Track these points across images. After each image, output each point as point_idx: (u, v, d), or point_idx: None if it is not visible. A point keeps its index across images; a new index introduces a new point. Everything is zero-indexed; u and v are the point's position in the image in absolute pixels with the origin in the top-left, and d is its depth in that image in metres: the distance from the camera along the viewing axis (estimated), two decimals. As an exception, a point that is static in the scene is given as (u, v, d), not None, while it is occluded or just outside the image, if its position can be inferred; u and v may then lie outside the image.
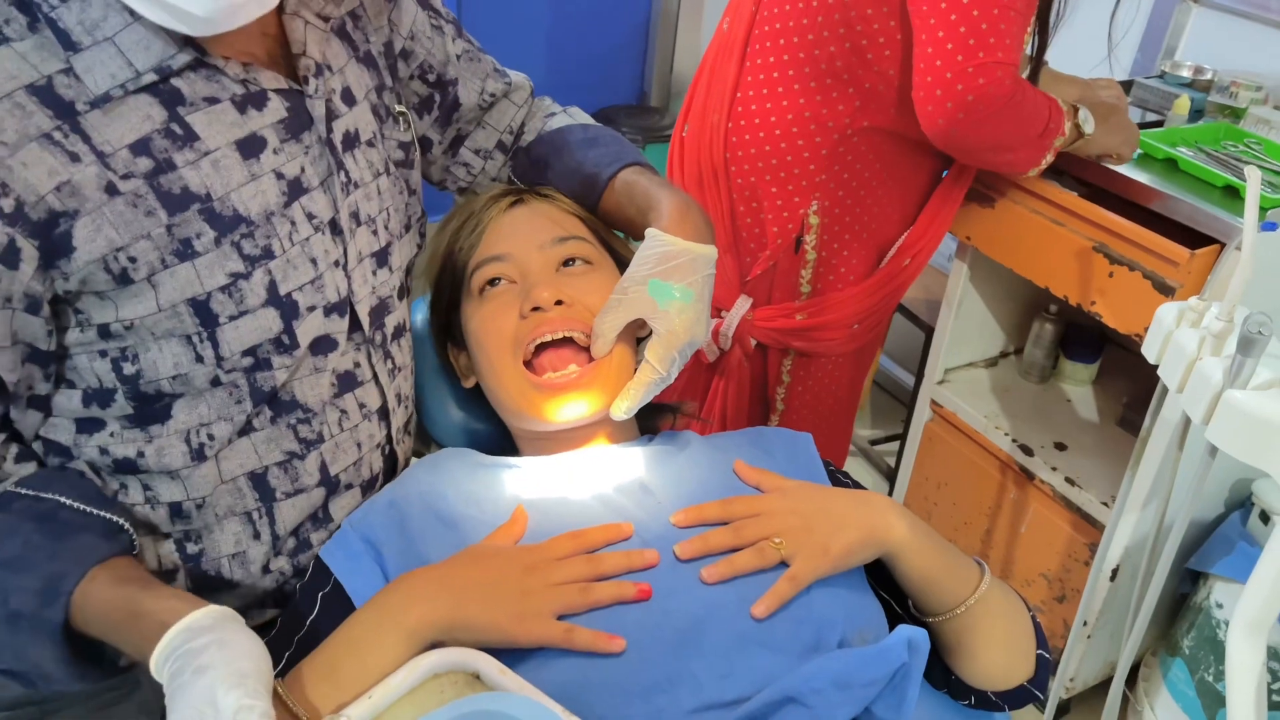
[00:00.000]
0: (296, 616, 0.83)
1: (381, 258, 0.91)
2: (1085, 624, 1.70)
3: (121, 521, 0.78)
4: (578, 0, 3.09)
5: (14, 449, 0.81)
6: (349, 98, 0.87)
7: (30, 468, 0.80)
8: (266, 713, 0.62)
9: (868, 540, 0.83)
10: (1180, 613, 1.73)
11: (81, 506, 0.77)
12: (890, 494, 2.12)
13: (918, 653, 0.78)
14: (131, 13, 0.72)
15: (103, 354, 0.78)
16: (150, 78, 0.73)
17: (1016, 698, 0.93)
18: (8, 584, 0.72)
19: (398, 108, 0.95)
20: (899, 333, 2.55)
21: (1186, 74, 1.79)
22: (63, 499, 0.77)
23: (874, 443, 2.51)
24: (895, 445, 2.19)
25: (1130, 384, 1.93)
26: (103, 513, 0.78)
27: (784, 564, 0.81)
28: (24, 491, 0.77)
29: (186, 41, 0.74)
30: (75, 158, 0.71)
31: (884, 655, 0.77)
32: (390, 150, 0.93)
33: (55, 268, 0.73)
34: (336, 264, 0.85)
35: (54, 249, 0.72)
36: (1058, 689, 1.45)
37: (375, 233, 0.89)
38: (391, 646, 0.73)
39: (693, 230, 0.92)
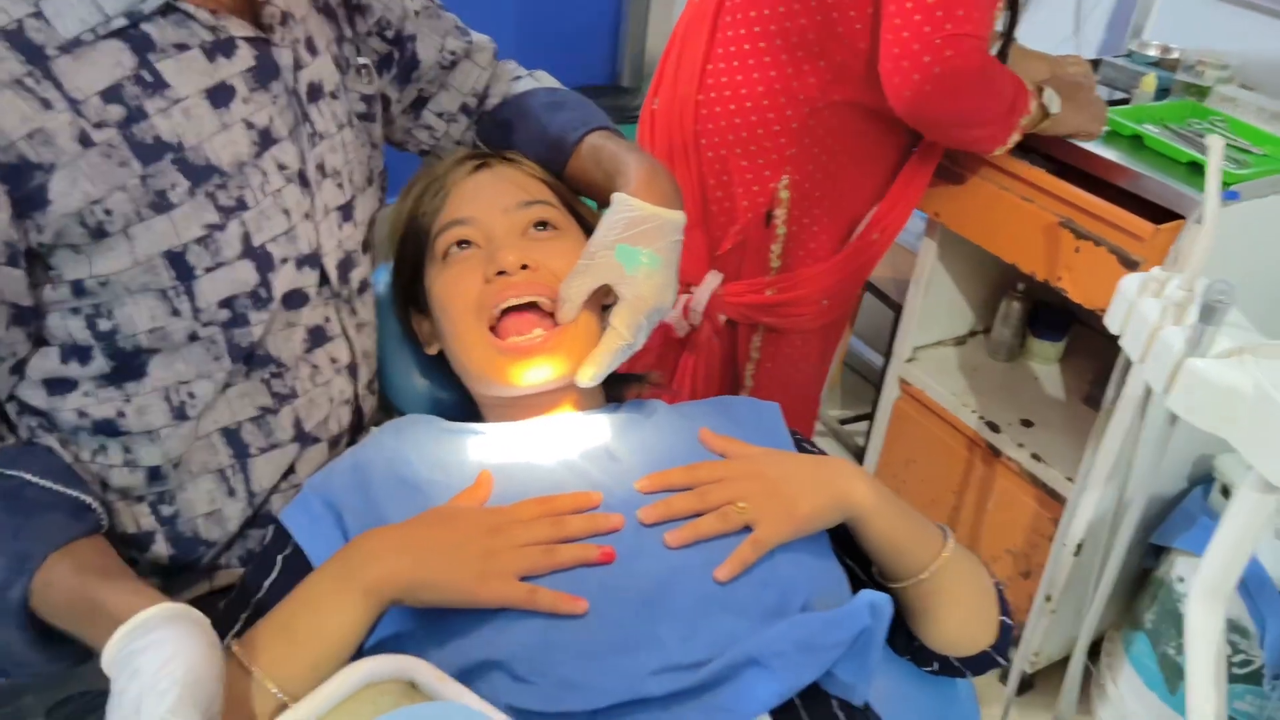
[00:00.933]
0: (255, 578, 0.82)
1: (346, 211, 0.90)
2: (1049, 599, 1.71)
3: (89, 500, 0.77)
4: (549, -22, 3.07)
5: None
6: (311, 47, 0.86)
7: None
8: None
9: (831, 504, 0.83)
10: (1143, 587, 1.76)
11: (48, 485, 0.76)
12: (859, 472, 2.13)
13: (880, 616, 0.79)
14: None
15: (75, 311, 0.77)
16: (120, 22, 0.72)
17: (979, 663, 0.93)
18: None
19: (359, 60, 0.94)
20: (869, 313, 2.56)
21: (1154, 53, 1.80)
22: (29, 476, 0.75)
23: (844, 422, 2.52)
24: (865, 425, 2.20)
25: (1097, 362, 1.95)
26: (70, 491, 0.76)
27: (748, 528, 0.81)
28: None
29: None
30: (47, 104, 0.70)
31: (847, 619, 0.77)
32: (353, 103, 0.92)
33: (29, 218, 0.71)
34: (306, 216, 0.85)
35: (28, 199, 0.71)
36: (1021, 662, 1.46)
37: (340, 185, 0.89)
38: (350, 605, 0.72)
39: (660, 195, 0.91)
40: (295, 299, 0.86)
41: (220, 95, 0.77)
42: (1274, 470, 0.90)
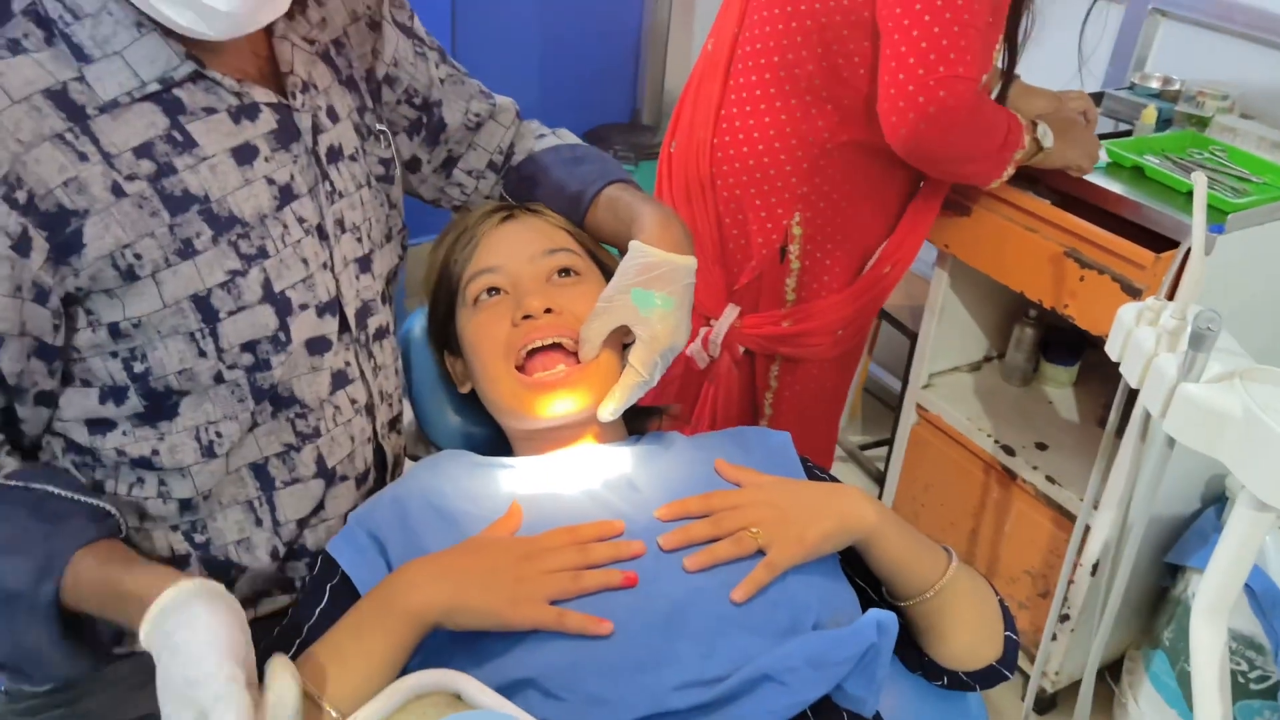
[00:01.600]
0: (307, 606, 0.88)
1: (364, 264, 0.97)
2: (1067, 618, 1.75)
3: (108, 508, 0.83)
4: (569, 22, 3.15)
5: (6, 445, 0.85)
6: (333, 115, 0.94)
7: (15, 462, 0.85)
8: (233, 677, 0.66)
9: (840, 529, 0.89)
10: (1161, 606, 1.79)
11: (70, 495, 0.82)
12: (880, 497, 2.18)
13: (886, 633, 0.84)
14: (139, 27, 0.79)
15: (114, 354, 0.84)
16: (154, 87, 0.80)
17: (986, 677, 0.98)
18: (4, 567, 0.77)
19: (378, 127, 1.01)
20: (889, 340, 2.60)
21: (1155, 85, 1.85)
22: (52, 488, 0.81)
23: (864, 448, 2.57)
24: (885, 450, 2.25)
25: (1110, 386, 1.99)
26: (90, 500, 0.83)
27: (761, 552, 0.86)
28: (14, 483, 0.81)
29: (188, 56, 0.81)
30: (84, 157, 0.78)
31: (855, 636, 0.82)
32: (372, 165, 0.99)
33: (66, 264, 0.78)
34: (325, 266, 0.92)
35: (65, 245, 0.78)
36: (1036, 679, 1.50)
37: (359, 240, 0.96)
38: (395, 629, 0.78)
39: (673, 242, 0.98)
40: (319, 345, 0.92)
41: (244, 153, 0.85)
42: (1265, 489, 0.94)
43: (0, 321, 0.77)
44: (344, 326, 0.95)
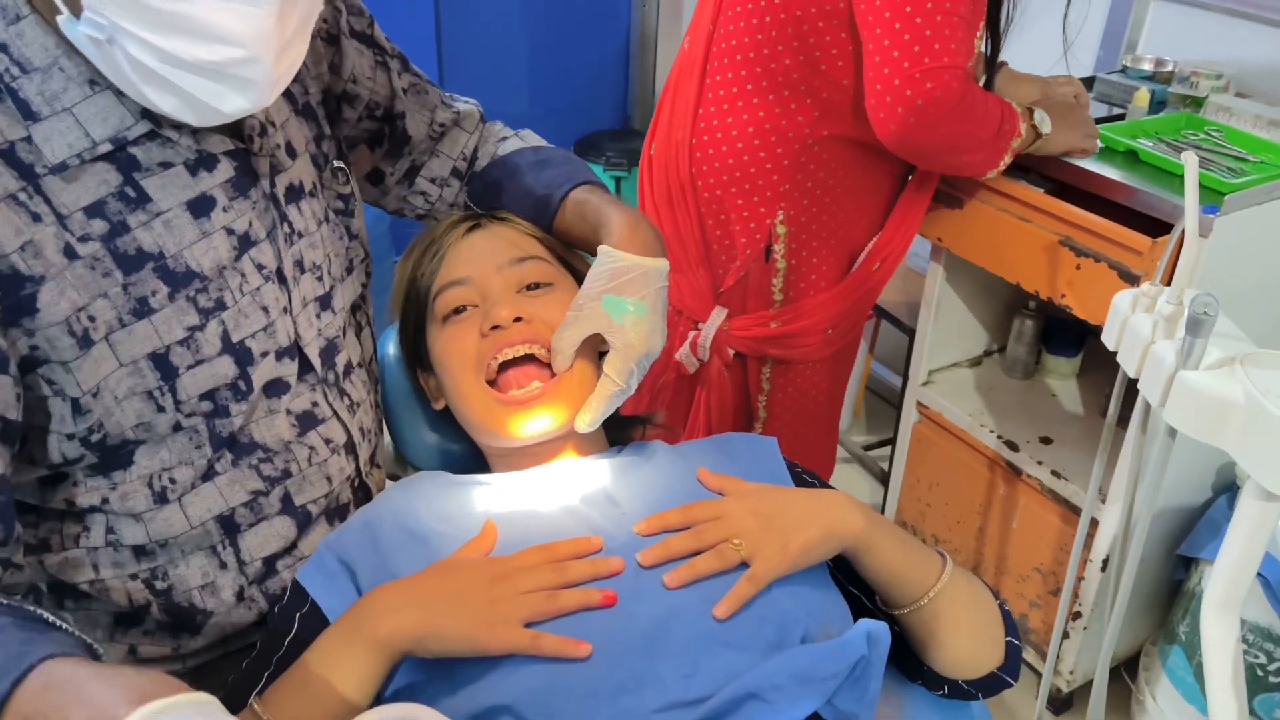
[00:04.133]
0: (275, 636, 0.85)
1: (324, 301, 0.94)
2: (1079, 616, 1.71)
3: (95, 646, 0.69)
4: (557, 28, 3.14)
5: None
6: (291, 151, 0.90)
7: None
8: None
9: (826, 537, 0.85)
10: (1175, 600, 1.74)
11: (61, 624, 0.69)
12: (885, 497, 2.14)
13: (877, 645, 0.80)
14: (92, 85, 0.75)
15: (70, 436, 0.79)
16: (106, 147, 0.76)
17: (988, 685, 0.94)
18: None
19: (337, 163, 0.98)
20: (890, 337, 2.57)
21: (1148, 67, 1.82)
22: (41, 613, 0.69)
23: (868, 448, 2.53)
24: (889, 450, 2.21)
25: (1114, 376, 1.94)
26: (81, 635, 0.69)
27: (745, 565, 0.83)
28: (3, 601, 0.70)
29: (142, 114, 0.77)
30: (37, 218, 0.74)
31: (843, 649, 0.79)
32: (330, 200, 0.96)
33: (18, 325, 0.74)
34: (285, 310, 0.88)
35: (18, 305, 0.74)
36: (1049, 679, 1.46)
37: (320, 279, 0.93)
38: (363, 658, 0.75)
39: (642, 245, 0.94)
40: (276, 388, 0.89)
41: (201, 205, 0.81)
42: (1271, 477, 0.91)
43: None
44: (307, 367, 0.92)
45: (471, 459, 1.08)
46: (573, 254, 1.06)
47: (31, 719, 0.56)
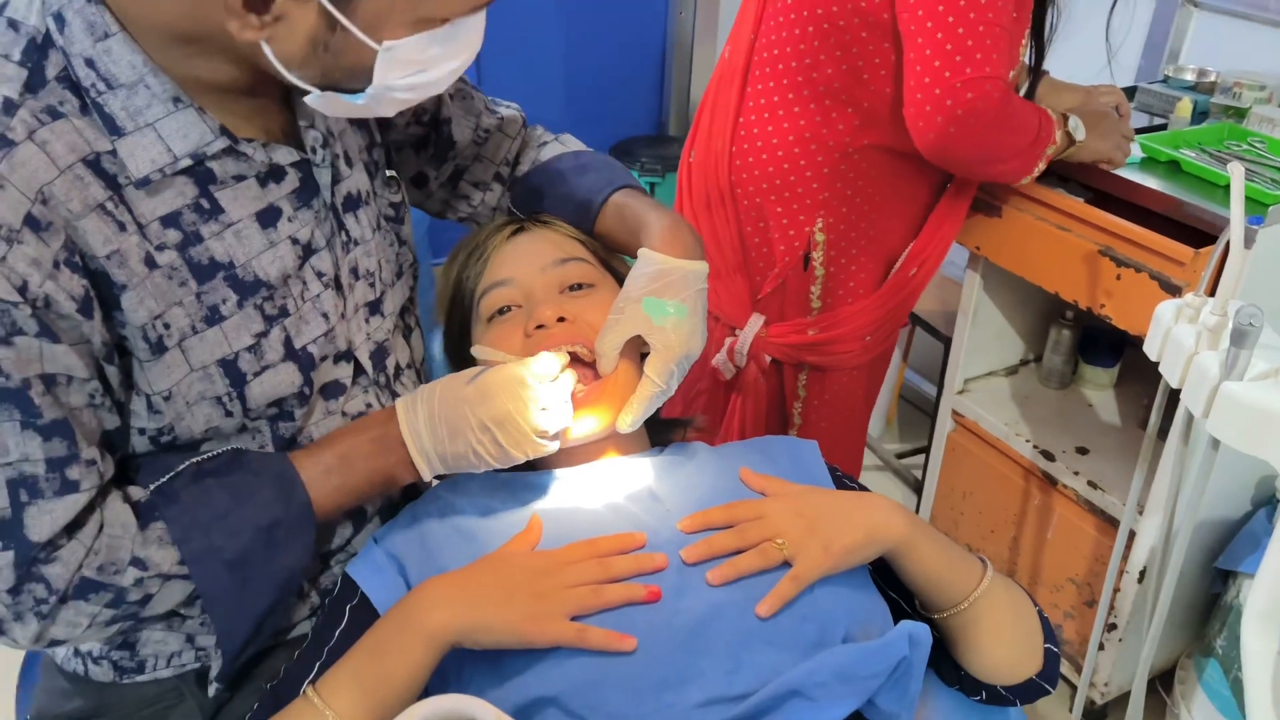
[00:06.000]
0: (327, 627, 0.87)
1: (374, 306, 0.96)
2: (1114, 628, 1.70)
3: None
4: (594, 34, 3.16)
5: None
6: (348, 160, 0.93)
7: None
8: None
9: (868, 539, 0.86)
10: (1213, 613, 1.73)
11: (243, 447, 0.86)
12: (918, 506, 2.14)
13: (919, 646, 0.81)
14: (175, 102, 0.77)
15: (141, 431, 0.83)
16: (186, 162, 0.78)
17: (1026, 691, 0.94)
18: (249, 511, 0.81)
19: (389, 172, 1.01)
20: (922, 344, 2.57)
21: (1190, 77, 1.81)
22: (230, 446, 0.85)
23: (901, 456, 2.53)
24: (922, 458, 2.21)
25: (1153, 387, 1.93)
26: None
27: (787, 564, 0.84)
28: (197, 460, 0.83)
29: (222, 131, 0.80)
30: (123, 227, 0.77)
31: (885, 649, 0.80)
32: (382, 207, 0.99)
33: (112, 318, 0.78)
34: (343, 316, 0.91)
35: (109, 302, 0.77)
36: (1084, 691, 1.45)
37: (372, 284, 0.95)
38: (413, 650, 0.77)
39: (682, 248, 0.96)
40: (332, 389, 0.92)
41: (268, 216, 0.84)
42: (1315, 490, 0.91)
43: (75, 369, 0.75)
44: (360, 370, 0.95)
45: (515, 458, 1.09)
46: (614, 256, 1.07)
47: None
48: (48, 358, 0.73)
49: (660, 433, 1.08)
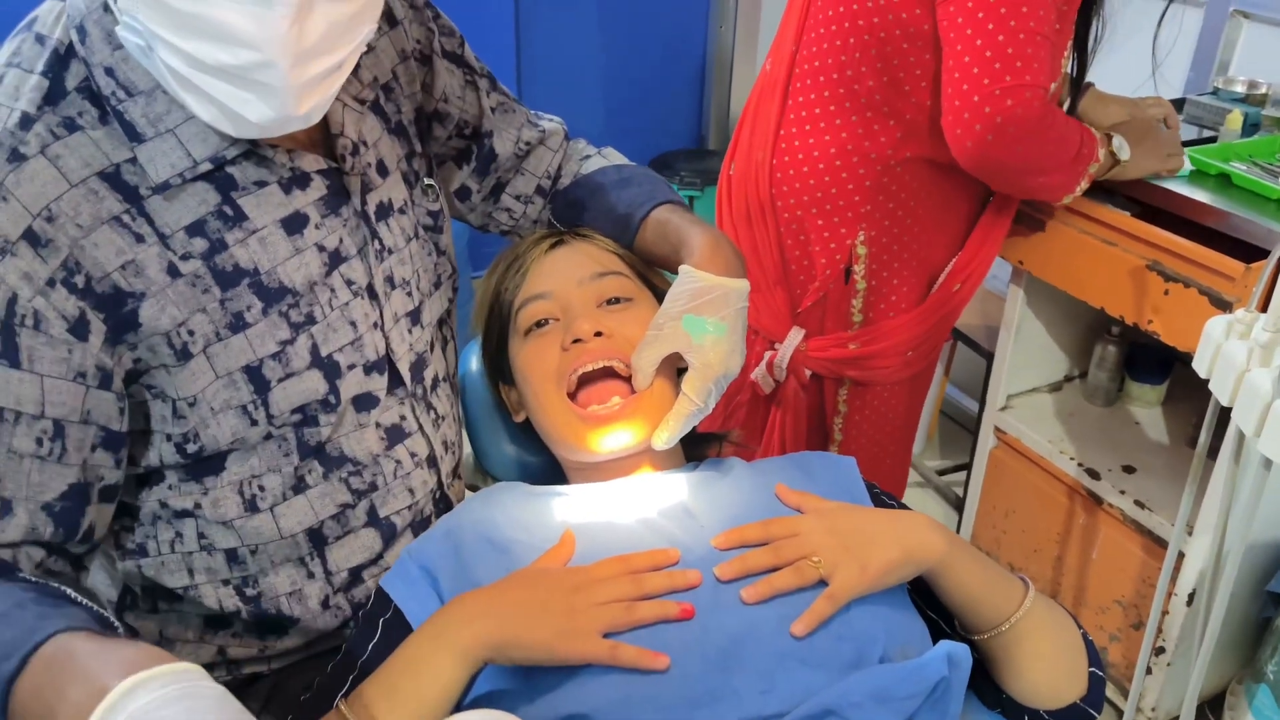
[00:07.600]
0: (360, 641, 0.87)
1: (415, 316, 0.96)
2: (1162, 651, 1.66)
3: (110, 619, 0.69)
4: (633, 47, 3.17)
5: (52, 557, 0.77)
6: (382, 169, 0.93)
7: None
8: None
9: (906, 558, 0.84)
10: (1264, 637, 1.68)
11: (78, 598, 0.70)
12: (959, 524, 2.10)
13: (958, 667, 0.79)
14: None
15: (168, 437, 0.83)
16: (206, 166, 0.79)
17: (1070, 716, 0.92)
18: None
19: (427, 180, 1.01)
20: (964, 360, 2.53)
21: (1240, 89, 1.77)
22: (69, 590, 0.71)
23: (942, 473, 2.49)
24: (963, 475, 2.17)
25: (1202, 404, 1.88)
26: (101, 610, 0.69)
27: (823, 582, 0.83)
28: (34, 579, 0.72)
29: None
30: (140, 238, 0.77)
31: (923, 669, 0.78)
32: (420, 216, 0.99)
33: (122, 341, 0.78)
34: (375, 325, 0.91)
35: (121, 322, 0.78)
36: (1131, 716, 1.41)
37: (409, 294, 0.95)
38: (446, 665, 0.77)
39: (724, 265, 0.95)
40: (365, 401, 0.92)
41: (294, 223, 0.84)
42: (1372, 513, 0.88)
43: (58, 406, 0.75)
44: (397, 381, 0.94)
45: (549, 471, 1.09)
46: (653, 271, 1.07)
47: (38, 690, 0.60)
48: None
49: (695, 447, 1.08)
